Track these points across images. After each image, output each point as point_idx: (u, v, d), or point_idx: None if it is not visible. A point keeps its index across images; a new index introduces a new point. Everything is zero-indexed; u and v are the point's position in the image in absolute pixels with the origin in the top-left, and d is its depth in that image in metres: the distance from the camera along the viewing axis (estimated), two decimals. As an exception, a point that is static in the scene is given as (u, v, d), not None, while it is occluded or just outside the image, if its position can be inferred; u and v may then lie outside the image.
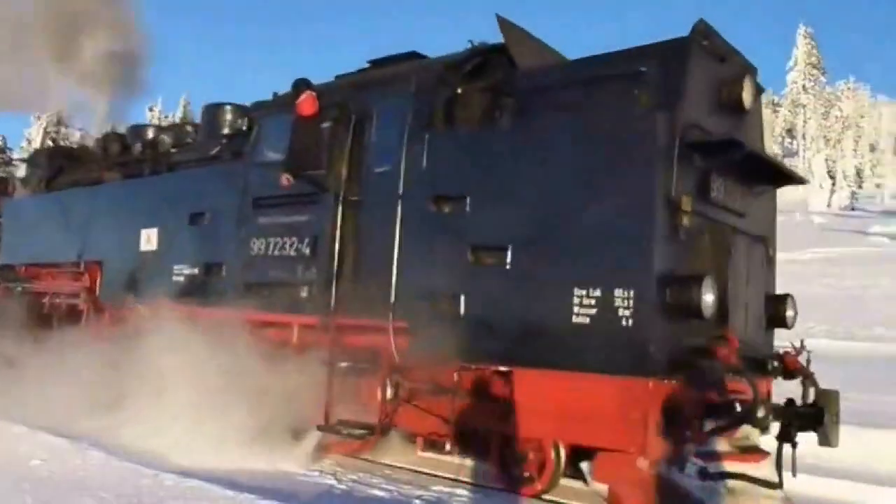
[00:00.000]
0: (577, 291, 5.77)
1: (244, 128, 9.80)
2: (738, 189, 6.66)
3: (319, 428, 7.23)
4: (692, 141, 5.82)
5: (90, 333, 9.85)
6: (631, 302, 5.54)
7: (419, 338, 6.61)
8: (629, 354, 5.54)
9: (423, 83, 7.02)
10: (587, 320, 5.72)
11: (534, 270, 6.02)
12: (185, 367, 7.57)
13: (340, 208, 7.37)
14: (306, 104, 7.60)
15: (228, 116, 10.33)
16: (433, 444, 7.10)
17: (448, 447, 6.86)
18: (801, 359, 6.65)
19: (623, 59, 6.34)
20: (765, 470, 6.14)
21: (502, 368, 6.25)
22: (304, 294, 7.56)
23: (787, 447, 6.32)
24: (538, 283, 5.99)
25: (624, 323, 5.55)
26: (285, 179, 7.54)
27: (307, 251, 7.57)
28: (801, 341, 6.72)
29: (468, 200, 6.44)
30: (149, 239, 9.52)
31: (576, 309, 5.77)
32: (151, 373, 7.88)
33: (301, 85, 7.67)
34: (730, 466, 6.12)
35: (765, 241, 6.98)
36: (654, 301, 5.50)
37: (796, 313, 7.10)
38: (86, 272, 10.59)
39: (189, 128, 11.59)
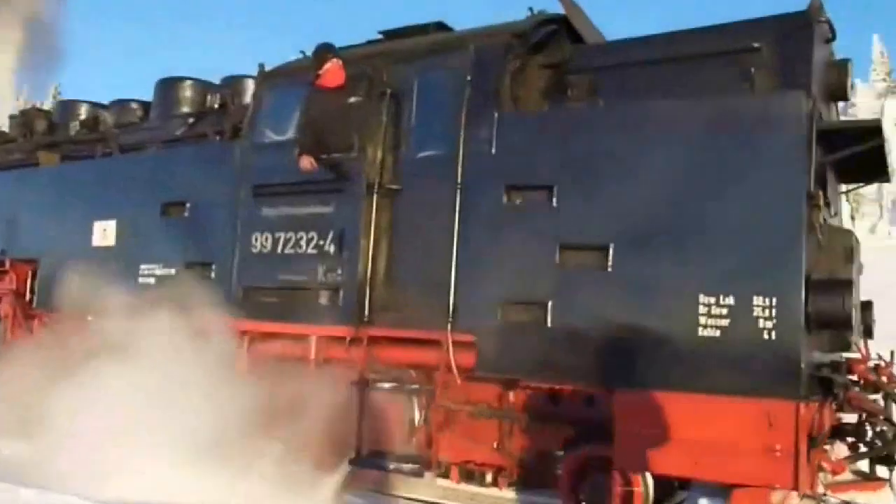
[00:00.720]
0: (703, 299, 4.91)
1: (215, 105, 8.41)
2: (834, 185, 6.06)
3: (352, 462, 6.04)
4: (829, 128, 5.12)
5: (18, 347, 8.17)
6: (773, 311, 4.74)
7: (489, 353, 5.56)
8: (771, 373, 4.72)
9: (486, 54, 5.97)
10: (717, 333, 4.87)
11: (645, 274, 5.10)
12: (161, 392, 6.20)
13: (375, 198, 6.22)
14: (332, 74, 6.40)
15: (189, 93, 8.90)
16: (469, 475, 6.08)
17: (490, 478, 5.91)
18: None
19: (729, 35, 5.58)
20: (883, 499, 5.50)
21: (599, 389, 5.30)
22: (324, 300, 6.34)
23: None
24: (650, 289, 5.08)
25: (766, 336, 4.74)
26: (308, 163, 6.30)
27: (331, 248, 6.35)
28: (892, 353, 6.16)
29: (555, 191, 5.45)
30: (104, 233, 7.95)
31: (702, 320, 4.91)
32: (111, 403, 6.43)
33: (325, 51, 6.45)
34: (849, 495, 5.44)
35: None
36: (800, 310, 4.73)
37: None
38: (11, 271, 8.82)
39: (134, 105, 9.96)
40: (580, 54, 6.14)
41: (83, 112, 9.96)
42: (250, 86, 8.52)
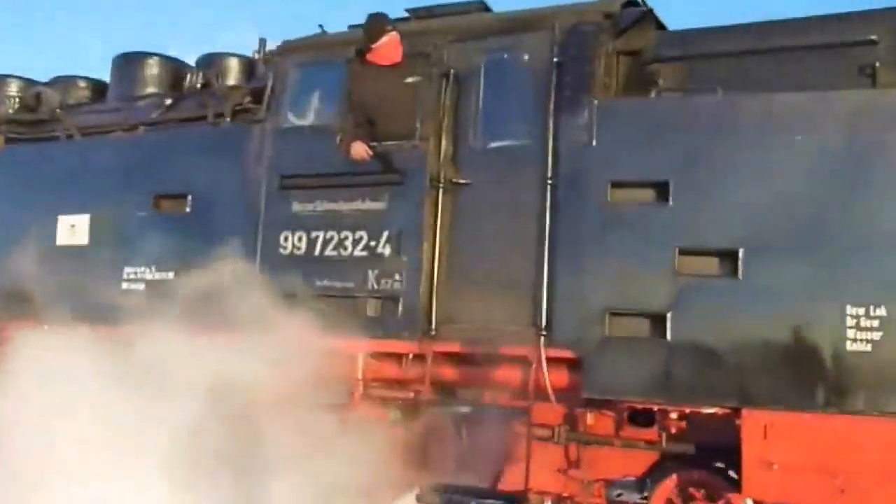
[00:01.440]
0: (851, 310, 4.45)
1: (198, 84, 7.31)
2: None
3: (419, 499, 5.20)
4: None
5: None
6: (931, 323, 4.35)
7: (598, 372, 4.89)
8: (932, 391, 4.33)
9: (575, 35, 5.31)
10: (868, 347, 4.43)
11: (781, 282, 4.59)
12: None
13: (440, 193, 5.43)
14: (389, 49, 5.57)
15: (157, 71, 7.77)
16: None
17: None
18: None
19: (836, 26, 5.19)
20: None
21: (724, 409, 4.73)
22: (377, 310, 5.47)
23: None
24: (787, 298, 4.57)
25: (924, 350, 4.34)
26: (362, 151, 5.44)
27: (385, 250, 5.50)
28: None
29: (671, 189, 4.86)
30: (72, 229, 6.69)
31: (850, 333, 4.45)
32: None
33: (380, 22, 5.60)
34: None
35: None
36: (963, 322, 4.35)
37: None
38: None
39: (82, 83, 8.61)
40: (664, 42, 5.59)
41: (14, 88, 8.52)
42: (234, 65, 7.56)
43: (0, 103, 8.42)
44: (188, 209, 6.21)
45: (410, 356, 5.36)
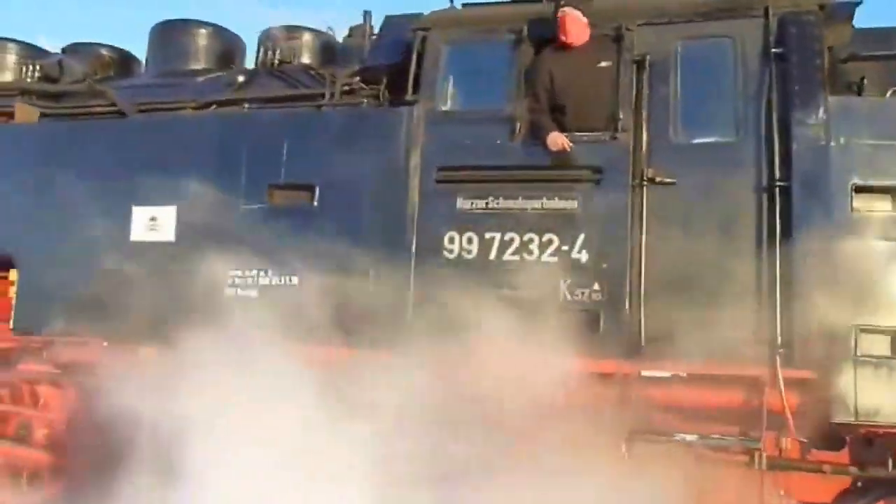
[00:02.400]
0: None
1: (275, 60, 6.35)
2: None
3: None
4: None
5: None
6: None
7: (844, 394, 4.42)
8: None
9: (795, 24, 4.82)
10: None
11: None
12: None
13: (645, 193, 4.81)
14: (578, 28, 4.92)
15: (204, 41, 6.75)
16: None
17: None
18: None
19: None
20: None
21: None
22: (572, 324, 4.77)
23: None
24: None
25: None
26: (562, 142, 4.75)
27: (581, 256, 4.82)
28: None
29: (922, 195, 4.47)
30: (152, 223, 5.57)
31: None
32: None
33: None
34: None
35: None
36: None
37: None
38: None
39: (104, 51, 7.37)
40: (863, 39, 5.23)
41: (15, 55, 7.17)
42: (309, 41, 6.63)
43: (3, 70, 7.09)
44: (315, 203, 5.26)
45: (615, 377, 4.70)
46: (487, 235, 4.94)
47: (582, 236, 4.82)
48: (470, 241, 4.96)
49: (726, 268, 4.67)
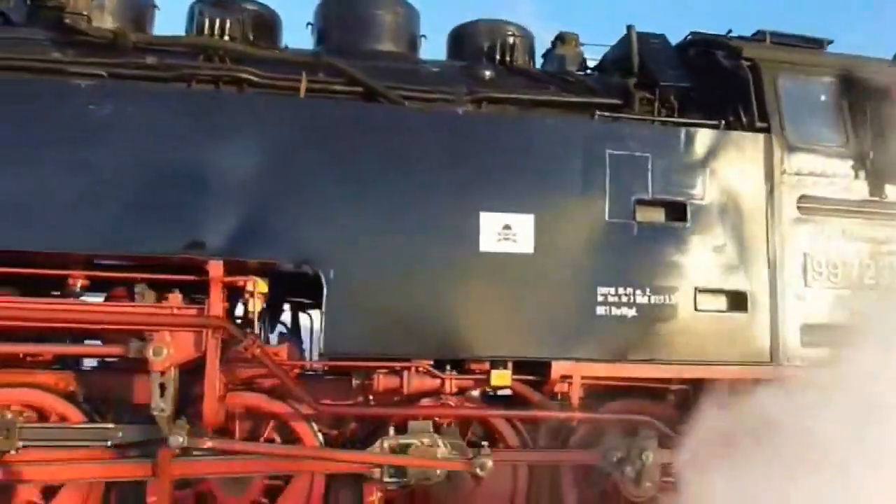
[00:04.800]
0: None
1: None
2: None
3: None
4: None
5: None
6: None
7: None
8: None
9: None
10: None
11: None
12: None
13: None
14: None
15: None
16: None
17: None
18: None
19: None
20: None
21: None
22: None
23: None
24: None
25: None
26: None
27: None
28: None
29: None
30: (505, 232, 4.96)
31: None
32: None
33: None
34: None
35: None
36: None
37: None
38: (216, 286, 4.65)
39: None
40: None
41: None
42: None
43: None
44: (688, 222, 5.19)
45: None
46: (845, 259, 5.37)
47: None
48: (834, 266, 5.35)
49: None
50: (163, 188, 4.62)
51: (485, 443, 4.89)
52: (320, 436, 4.92)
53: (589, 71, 6.49)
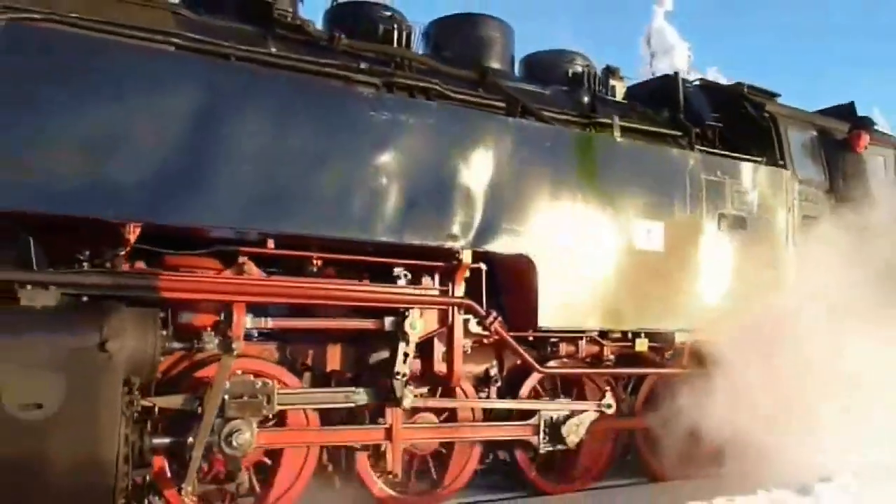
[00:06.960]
0: None
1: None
2: None
3: None
4: None
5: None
6: None
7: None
8: None
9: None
10: None
11: None
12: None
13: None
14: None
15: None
16: None
17: None
18: None
19: None
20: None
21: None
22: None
23: None
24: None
25: None
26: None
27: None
28: None
29: None
30: (648, 235, 6.53)
31: None
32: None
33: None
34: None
35: None
36: None
37: None
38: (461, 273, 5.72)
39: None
40: None
41: None
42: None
43: None
44: (747, 230, 7.13)
45: None
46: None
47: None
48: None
49: None
50: (430, 191, 5.52)
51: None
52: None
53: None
